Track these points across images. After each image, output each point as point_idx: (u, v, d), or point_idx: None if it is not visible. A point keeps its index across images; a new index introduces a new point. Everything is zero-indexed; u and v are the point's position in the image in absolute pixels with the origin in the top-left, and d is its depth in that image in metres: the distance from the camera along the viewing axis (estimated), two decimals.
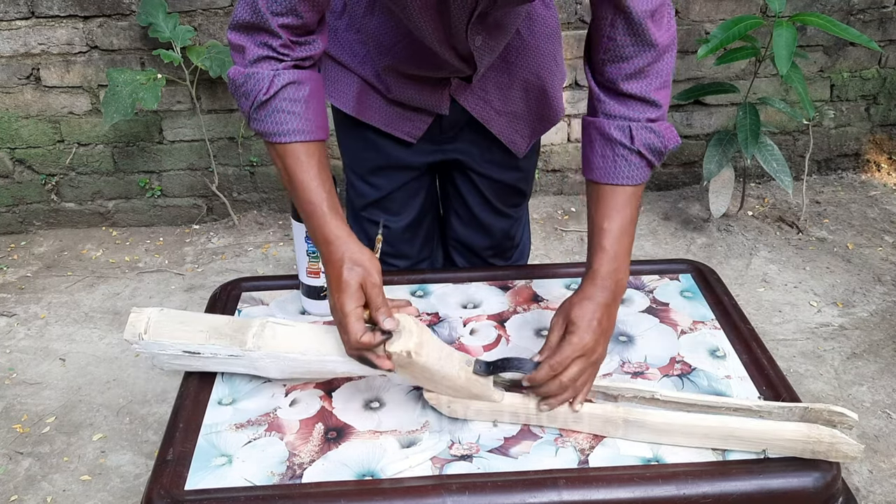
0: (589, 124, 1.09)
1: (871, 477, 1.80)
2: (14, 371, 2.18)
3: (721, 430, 0.95)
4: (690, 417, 0.95)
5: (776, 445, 0.94)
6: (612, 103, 1.06)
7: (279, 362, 1.02)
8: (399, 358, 0.93)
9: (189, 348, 1.04)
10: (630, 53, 1.04)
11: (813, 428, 0.92)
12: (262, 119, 1.02)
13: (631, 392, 0.99)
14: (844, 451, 0.92)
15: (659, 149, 1.06)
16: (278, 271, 2.62)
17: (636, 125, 1.05)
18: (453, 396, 0.98)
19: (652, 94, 1.05)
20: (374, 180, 1.38)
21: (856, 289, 2.48)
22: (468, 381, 0.97)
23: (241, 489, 0.91)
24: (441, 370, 0.95)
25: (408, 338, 0.93)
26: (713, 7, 2.79)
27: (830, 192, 3.06)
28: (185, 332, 1.04)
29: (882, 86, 3.05)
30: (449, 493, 0.89)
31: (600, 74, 1.07)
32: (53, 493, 1.80)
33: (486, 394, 0.98)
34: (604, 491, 0.90)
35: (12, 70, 2.63)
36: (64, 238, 2.85)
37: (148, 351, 1.05)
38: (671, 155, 3.02)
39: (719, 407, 0.97)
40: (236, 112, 2.76)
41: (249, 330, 1.03)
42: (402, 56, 1.21)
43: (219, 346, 1.03)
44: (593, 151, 1.08)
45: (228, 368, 1.06)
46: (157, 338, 1.03)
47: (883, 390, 2.06)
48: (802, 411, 0.95)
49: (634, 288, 1.29)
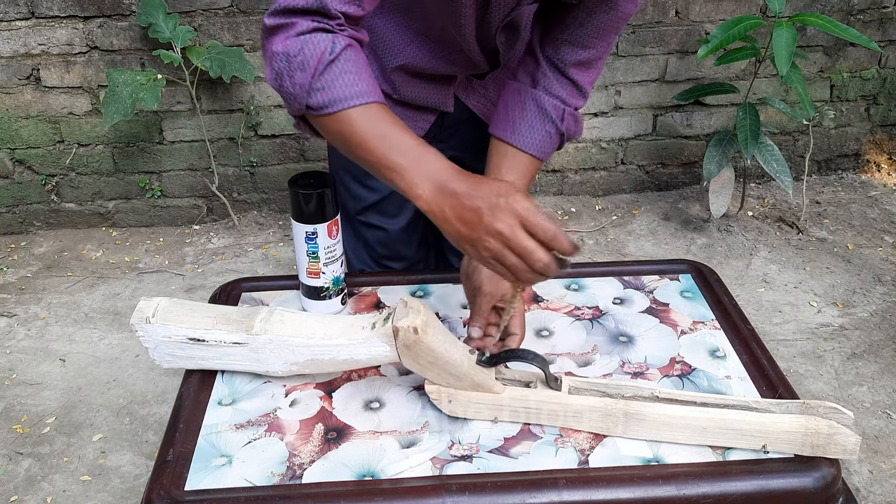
0: (525, 92, 1.13)
1: (871, 477, 1.80)
2: (14, 371, 2.18)
3: (720, 423, 0.95)
4: (689, 410, 0.96)
5: (775, 439, 0.94)
6: (555, 82, 1.11)
7: (283, 350, 1.02)
8: (405, 335, 0.93)
9: (195, 334, 1.03)
10: (592, 44, 1.08)
11: (811, 420, 0.92)
12: (327, 86, 0.91)
13: (630, 391, 0.99)
14: (843, 443, 0.92)
15: (572, 136, 1.14)
16: (278, 271, 2.62)
17: (568, 110, 1.12)
18: (455, 387, 0.98)
19: (588, 86, 1.12)
20: (372, 183, 1.37)
21: (856, 289, 2.48)
22: (471, 368, 0.97)
23: (241, 489, 0.91)
24: (445, 353, 0.95)
25: (415, 315, 0.93)
26: (713, 7, 2.79)
27: (830, 193, 3.06)
28: (193, 318, 1.04)
29: (882, 86, 3.05)
30: (449, 494, 0.89)
31: (553, 50, 1.11)
32: (53, 494, 1.80)
33: (488, 384, 0.98)
34: (604, 491, 0.90)
35: (12, 70, 2.63)
36: (64, 238, 2.85)
37: (151, 338, 1.05)
38: (671, 155, 3.02)
39: (718, 404, 0.97)
40: (236, 112, 2.76)
41: (258, 315, 1.03)
42: (415, 55, 1.20)
43: (225, 331, 1.03)
44: (522, 118, 1.12)
45: (230, 362, 1.06)
46: (164, 322, 1.03)
47: (883, 390, 2.06)
48: (800, 407, 0.95)
49: (634, 288, 1.29)
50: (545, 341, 1.17)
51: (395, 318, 0.95)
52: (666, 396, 0.98)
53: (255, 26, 2.64)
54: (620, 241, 2.78)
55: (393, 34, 1.20)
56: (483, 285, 1.07)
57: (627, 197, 3.05)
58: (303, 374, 1.07)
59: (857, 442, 0.92)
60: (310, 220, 1.15)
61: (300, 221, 1.15)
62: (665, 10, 2.78)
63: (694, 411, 0.95)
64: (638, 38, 2.81)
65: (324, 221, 1.15)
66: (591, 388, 1.00)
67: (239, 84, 2.71)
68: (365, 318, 1.01)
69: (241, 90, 2.73)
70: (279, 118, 2.79)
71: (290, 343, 1.02)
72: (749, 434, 0.94)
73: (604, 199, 3.04)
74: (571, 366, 1.11)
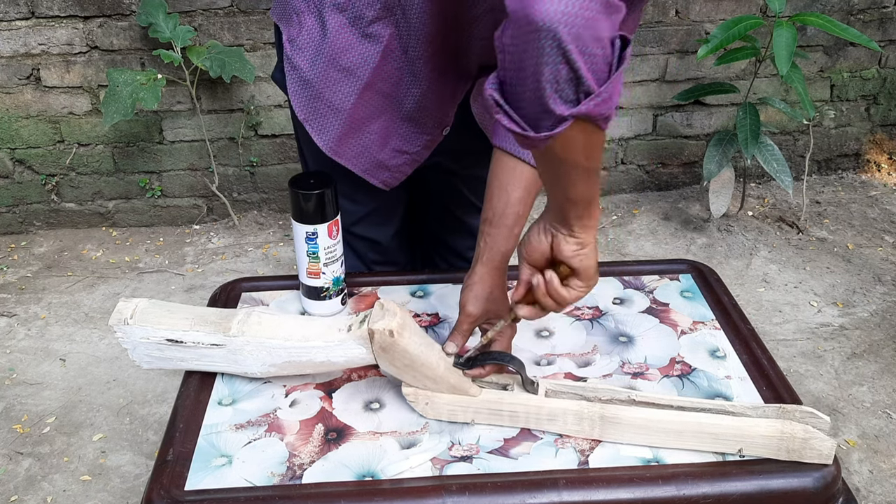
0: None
1: (871, 477, 1.80)
2: (14, 371, 2.18)
3: (695, 427, 0.95)
4: (665, 414, 0.96)
5: (751, 443, 0.94)
6: None
7: (260, 352, 1.02)
8: (381, 337, 0.93)
9: (172, 335, 1.03)
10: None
11: (787, 424, 0.92)
12: (607, 92, 0.79)
13: (607, 394, 0.99)
14: (818, 448, 0.92)
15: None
16: (278, 271, 2.62)
17: None
18: (432, 389, 0.98)
19: None
20: (359, 197, 1.34)
21: (856, 289, 2.48)
22: (447, 370, 0.97)
23: (241, 489, 0.91)
24: (421, 356, 0.95)
25: (391, 318, 0.94)
26: (713, 7, 2.79)
27: (830, 192, 3.06)
28: (171, 319, 1.04)
29: (882, 86, 3.05)
30: (449, 494, 0.89)
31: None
32: (53, 494, 1.80)
33: (464, 387, 0.99)
34: (604, 492, 0.90)
35: (12, 70, 2.63)
36: (64, 238, 2.85)
37: (130, 339, 1.04)
38: (672, 155, 3.02)
39: (694, 408, 0.97)
40: (236, 112, 2.76)
41: (235, 317, 1.03)
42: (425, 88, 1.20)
43: (202, 332, 1.03)
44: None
45: (208, 363, 1.06)
46: (142, 323, 1.03)
47: (883, 390, 2.06)
48: (777, 412, 0.95)
49: (634, 288, 1.29)
50: (545, 341, 1.17)
51: (370, 321, 0.95)
52: (642, 400, 0.98)
53: (256, 26, 2.64)
54: (620, 241, 2.78)
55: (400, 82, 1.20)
56: (467, 305, 1.06)
57: (627, 197, 3.05)
58: (281, 375, 1.07)
59: (832, 447, 0.92)
60: (310, 221, 1.15)
61: (300, 222, 1.15)
62: (665, 10, 2.78)
63: (670, 415, 0.96)
64: (638, 37, 2.80)
65: (324, 222, 1.15)
66: (568, 392, 1.00)
67: (239, 84, 2.71)
68: (342, 320, 1.01)
69: (241, 90, 2.73)
70: (279, 118, 2.79)
71: (267, 345, 1.01)
72: (725, 438, 0.94)
73: (604, 199, 3.04)
74: (571, 366, 1.11)
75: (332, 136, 1.22)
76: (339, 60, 1.15)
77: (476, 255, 1.10)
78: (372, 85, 1.16)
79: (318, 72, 1.17)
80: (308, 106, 1.20)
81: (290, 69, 1.20)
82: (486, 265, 1.08)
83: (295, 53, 1.18)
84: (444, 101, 1.21)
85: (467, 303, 1.06)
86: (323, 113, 1.20)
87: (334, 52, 1.15)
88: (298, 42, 1.18)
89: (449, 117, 1.24)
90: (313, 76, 1.17)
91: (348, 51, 1.14)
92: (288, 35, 1.20)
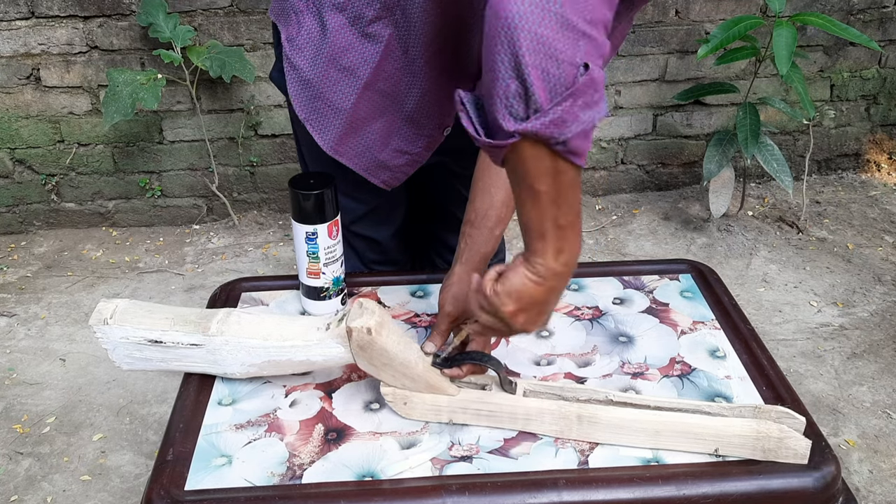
0: None
1: (871, 477, 1.80)
2: (14, 371, 2.18)
3: (672, 427, 0.95)
4: (642, 414, 0.96)
5: (727, 443, 0.94)
6: None
7: (239, 352, 1.02)
8: (359, 336, 0.93)
9: (152, 335, 1.03)
10: None
11: (763, 424, 0.92)
12: (556, 113, 0.76)
13: (586, 394, 0.99)
14: (794, 447, 0.92)
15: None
16: (278, 271, 2.62)
17: None
18: (410, 388, 0.98)
19: None
20: (360, 195, 1.35)
21: (856, 289, 2.48)
22: (426, 370, 0.97)
23: (241, 489, 0.91)
24: (400, 354, 0.95)
25: (369, 316, 0.94)
26: (713, 7, 2.79)
27: (830, 192, 3.06)
28: (151, 319, 1.04)
29: (882, 86, 3.05)
30: (449, 494, 0.89)
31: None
32: (53, 494, 1.80)
33: (443, 386, 0.99)
34: (604, 491, 0.90)
35: (12, 70, 2.63)
36: (64, 238, 2.85)
37: (109, 339, 1.04)
38: (671, 155, 3.02)
39: (672, 408, 0.97)
40: (236, 112, 2.76)
41: (215, 317, 1.03)
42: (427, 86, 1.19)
43: (182, 332, 1.02)
44: None
45: (188, 364, 1.05)
46: (121, 323, 1.03)
47: (883, 390, 2.06)
48: (753, 411, 0.95)
49: (634, 288, 1.29)
50: (545, 342, 1.17)
51: (349, 319, 0.94)
52: (620, 400, 0.98)
53: (256, 26, 2.64)
54: (620, 241, 2.78)
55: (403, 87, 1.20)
56: (445, 305, 1.07)
57: (627, 197, 3.05)
58: (262, 375, 1.07)
59: (807, 446, 0.92)
60: (310, 221, 1.15)
61: (300, 222, 1.15)
62: (665, 10, 2.78)
63: (647, 415, 0.96)
64: (638, 37, 2.81)
65: (324, 222, 1.15)
66: (547, 392, 1.00)
67: (239, 84, 2.71)
68: (322, 319, 1.01)
69: (241, 90, 2.73)
70: (279, 118, 2.79)
71: (246, 344, 1.01)
72: (702, 438, 0.94)
73: (604, 199, 3.04)
74: (571, 366, 1.11)
75: (333, 136, 1.22)
76: (340, 60, 1.15)
77: (456, 255, 1.11)
78: (372, 84, 1.16)
79: (318, 71, 1.17)
80: (309, 105, 1.20)
81: (289, 69, 1.20)
82: (465, 265, 1.09)
83: (294, 53, 1.18)
84: (445, 101, 1.21)
85: (445, 303, 1.07)
86: (324, 112, 1.20)
87: (334, 51, 1.15)
88: (297, 41, 1.18)
89: (449, 117, 1.24)
90: (313, 76, 1.17)
91: (348, 50, 1.14)
92: (287, 34, 1.20)
